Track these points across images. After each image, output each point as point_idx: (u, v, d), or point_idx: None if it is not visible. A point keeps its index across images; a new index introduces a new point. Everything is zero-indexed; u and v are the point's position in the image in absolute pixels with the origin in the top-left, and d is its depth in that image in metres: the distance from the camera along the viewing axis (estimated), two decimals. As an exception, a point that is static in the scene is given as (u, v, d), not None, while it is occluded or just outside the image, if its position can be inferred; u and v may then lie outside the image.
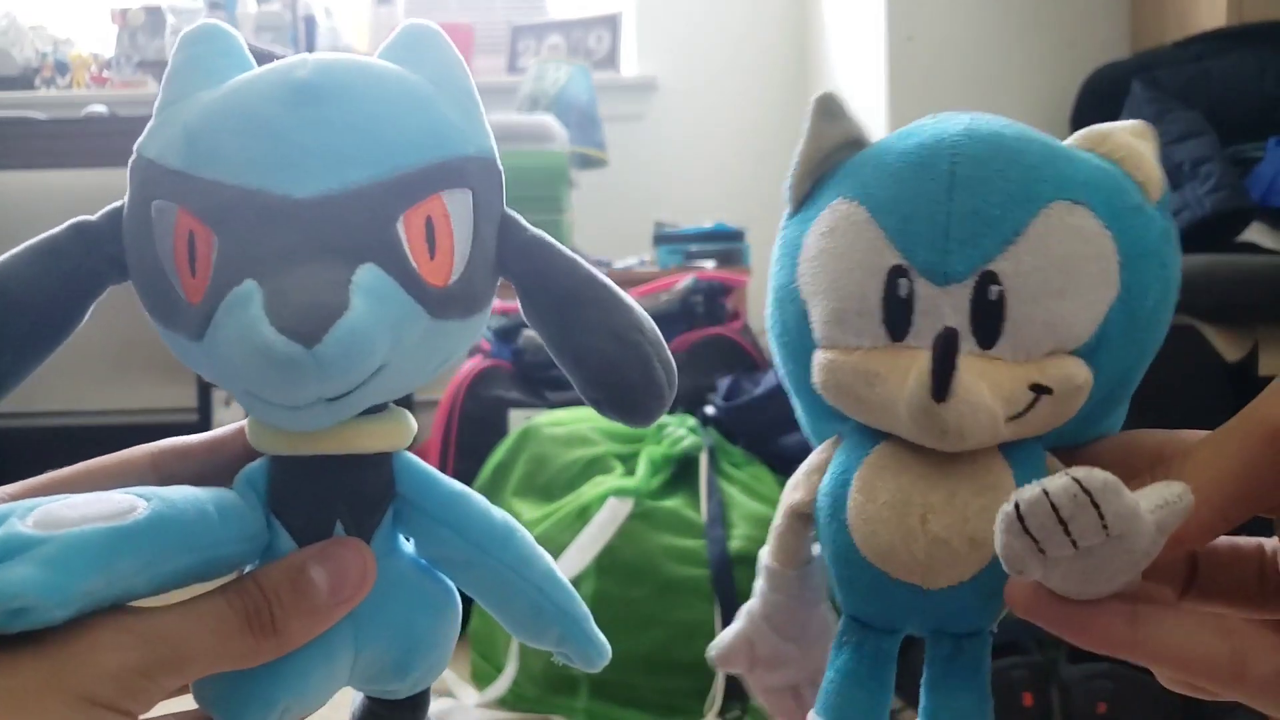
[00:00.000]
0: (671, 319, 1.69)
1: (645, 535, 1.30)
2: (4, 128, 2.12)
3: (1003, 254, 0.30)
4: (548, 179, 2.06)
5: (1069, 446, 0.33)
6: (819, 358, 0.32)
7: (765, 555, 0.37)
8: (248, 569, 0.30)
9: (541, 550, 0.34)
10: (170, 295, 0.29)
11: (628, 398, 0.31)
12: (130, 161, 0.31)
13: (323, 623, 0.29)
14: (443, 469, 1.33)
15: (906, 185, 0.31)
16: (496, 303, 0.33)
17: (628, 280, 1.91)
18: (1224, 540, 0.31)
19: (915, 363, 0.30)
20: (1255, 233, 1.43)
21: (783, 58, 2.58)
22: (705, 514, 1.30)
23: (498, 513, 0.33)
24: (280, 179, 0.28)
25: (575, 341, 0.31)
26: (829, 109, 0.33)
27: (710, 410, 1.47)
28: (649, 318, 0.32)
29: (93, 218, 0.31)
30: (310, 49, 2.43)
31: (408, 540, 0.33)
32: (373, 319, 0.27)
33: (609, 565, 1.28)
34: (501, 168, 0.33)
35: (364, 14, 2.62)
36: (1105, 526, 0.24)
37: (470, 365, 1.65)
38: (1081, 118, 1.76)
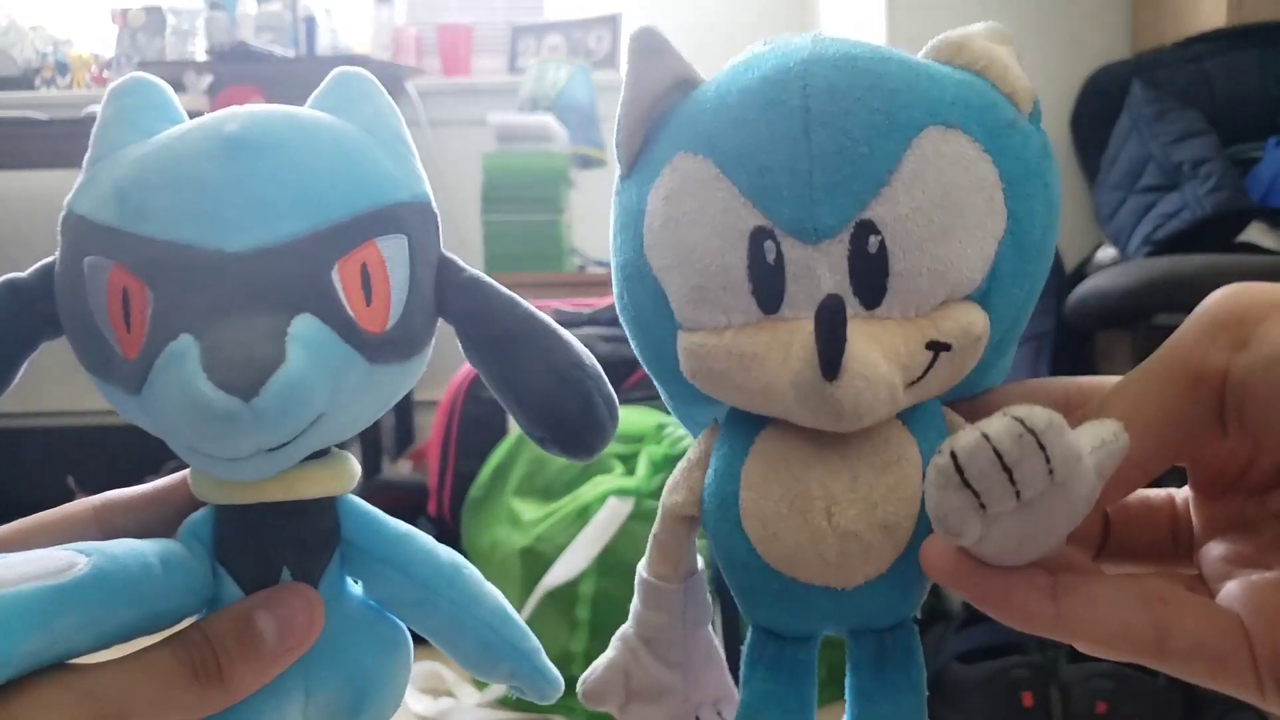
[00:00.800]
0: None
1: (645, 535, 1.29)
2: (4, 128, 2.12)
3: (877, 198, 0.26)
4: (548, 179, 2.06)
5: (962, 399, 0.30)
6: (684, 342, 0.29)
7: (642, 568, 0.33)
8: (194, 619, 0.30)
9: (490, 587, 0.34)
10: (105, 351, 0.29)
11: (569, 433, 0.31)
12: (60, 218, 0.30)
13: (271, 670, 0.29)
14: (443, 469, 1.34)
15: (756, 129, 0.27)
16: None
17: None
18: (1134, 494, 0.29)
19: (795, 337, 0.26)
20: (1255, 233, 1.43)
21: (783, 58, 2.58)
22: (705, 514, 1.30)
23: (444, 551, 0.33)
24: (213, 233, 0.28)
25: (515, 380, 0.31)
26: (649, 44, 0.29)
27: (710, 410, 1.46)
28: (589, 353, 0.32)
29: (23, 275, 0.31)
30: (311, 49, 2.44)
31: (356, 582, 0.33)
32: (310, 370, 0.27)
33: (609, 565, 1.28)
34: (437, 210, 0.33)
35: (364, 14, 2.62)
36: (1051, 471, 0.22)
37: (470, 366, 1.65)
38: (1081, 118, 1.76)
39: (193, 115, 0.32)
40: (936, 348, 0.27)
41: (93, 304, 0.29)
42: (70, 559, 0.27)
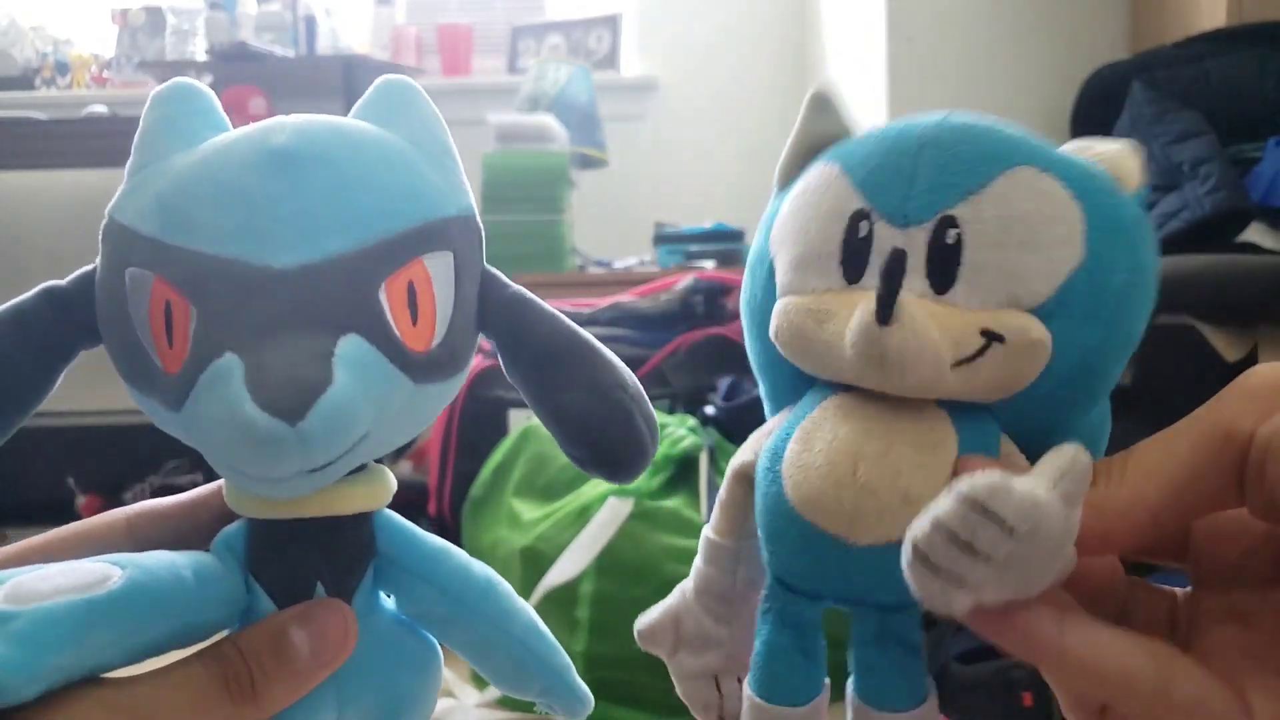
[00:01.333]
0: (671, 319, 1.69)
1: (645, 535, 1.30)
2: (4, 128, 2.12)
3: (964, 201, 0.29)
4: (548, 179, 2.06)
5: (1027, 444, 0.31)
6: (778, 306, 0.31)
7: (707, 528, 0.35)
8: (227, 633, 0.30)
9: (522, 602, 0.34)
10: (146, 364, 0.29)
11: (610, 454, 0.31)
12: (102, 226, 0.30)
13: (304, 686, 0.29)
14: (443, 469, 1.35)
15: (880, 147, 0.31)
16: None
17: (628, 280, 1.91)
18: (1139, 582, 0.30)
19: (866, 298, 0.29)
20: (1255, 233, 1.43)
21: (782, 58, 2.58)
22: (705, 514, 1.31)
23: (478, 567, 0.33)
24: (258, 249, 0.27)
25: (556, 398, 0.31)
26: (822, 104, 0.34)
27: (710, 410, 1.47)
28: (631, 374, 0.32)
29: (62, 283, 0.31)
30: (311, 49, 2.44)
31: (389, 597, 0.33)
32: (356, 392, 0.26)
33: (609, 565, 1.28)
34: (481, 224, 0.32)
35: (364, 14, 2.62)
36: (1011, 531, 0.23)
37: (471, 365, 1.66)
38: (1081, 118, 1.76)
39: None
40: (990, 336, 0.28)
41: (134, 316, 0.28)
42: (105, 572, 0.26)
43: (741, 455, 0.33)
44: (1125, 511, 0.26)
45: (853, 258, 0.30)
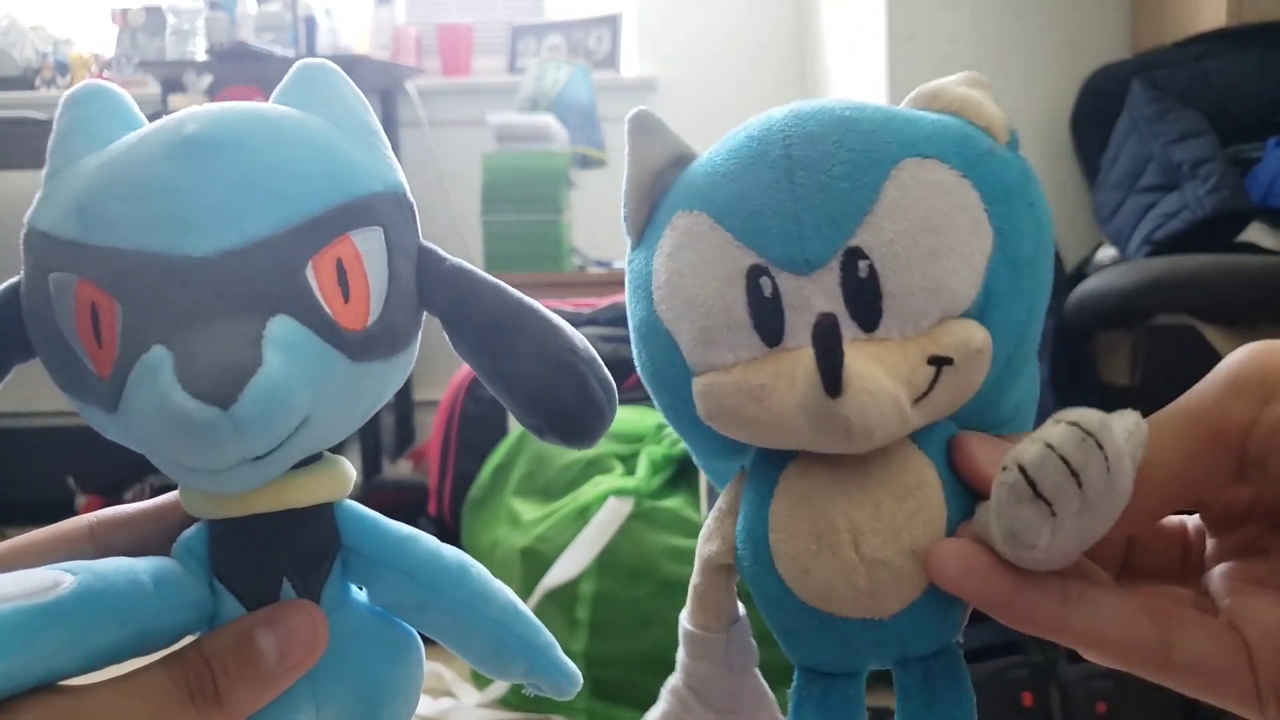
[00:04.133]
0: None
1: (645, 535, 1.30)
2: (4, 128, 2.12)
3: (861, 226, 0.27)
4: (548, 179, 2.06)
5: (982, 429, 0.30)
6: (697, 386, 0.29)
7: (685, 618, 0.33)
8: (194, 638, 0.29)
9: (499, 584, 0.33)
10: (79, 369, 0.28)
11: (566, 420, 0.30)
12: (22, 236, 0.29)
13: (271, 691, 0.28)
14: (443, 469, 1.34)
15: (743, 180, 0.29)
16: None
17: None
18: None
19: (799, 363, 0.27)
20: (1255, 233, 1.43)
21: (782, 58, 2.58)
22: (705, 514, 1.30)
23: (449, 551, 0.33)
24: (178, 239, 0.27)
25: (506, 369, 0.30)
26: (645, 126, 0.31)
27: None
28: (582, 337, 0.31)
29: None
30: (311, 50, 2.43)
31: (360, 589, 0.33)
32: (289, 373, 0.26)
33: (609, 565, 1.28)
34: (413, 200, 0.32)
35: (364, 14, 2.62)
36: (1108, 468, 0.23)
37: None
38: (1081, 118, 1.75)
39: None
40: (938, 362, 0.27)
41: (61, 322, 0.28)
42: (55, 578, 0.26)
43: (709, 546, 0.32)
44: (1122, 519, 0.26)
45: (766, 321, 0.28)
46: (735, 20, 2.60)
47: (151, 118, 0.30)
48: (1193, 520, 0.30)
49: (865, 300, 0.27)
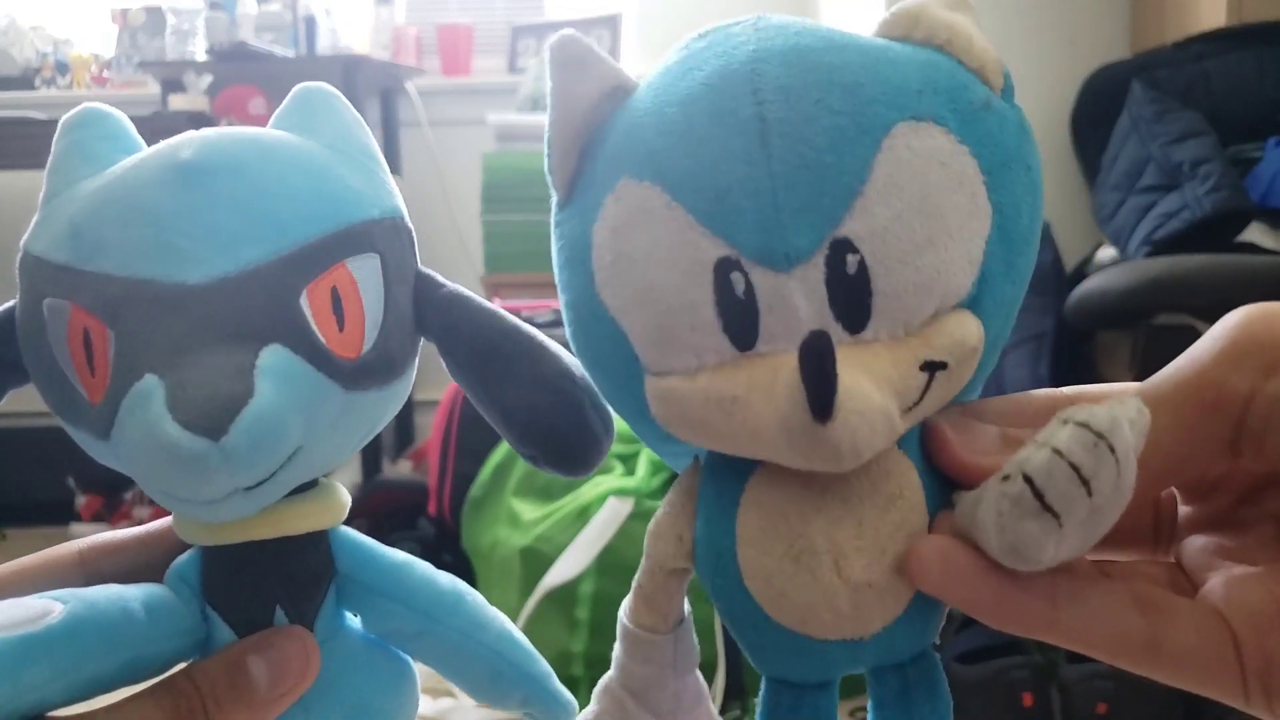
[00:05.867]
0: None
1: (645, 535, 1.30)
2: (4, 128, 2.12)
3: (850, 212, 0.24)
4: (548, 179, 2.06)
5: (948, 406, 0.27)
6: (653, 388, 0.26)
7: (626, 616, 0.30)
8: (184, 665, 0.29)
9: (495, 611, 0.33)
10: (72, 395, 0.28)
11: (562, 448, 0.30)
12: (17, 260, 0.29)
13: (263, 718, 0.28)
14: (442, 469, 1.34)
15: (707, 148, 0.24)
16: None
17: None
18: None
19: (779, 375, 0.23)
20: (1255, 233, 1.43)
21: (783, 58, 2.58)
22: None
23: (444, 578, 0.32)
24: (171, 266, 0.26)
25: (502, 396, 0.30)
26: (571, 57, 0.27)
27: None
28: (578, 364, 0.30)
29: None
30: (310, 50, 2.43)
31: (355, 617, 0.32)
32: (281, 403, 0.26)
33: (609, 565, 1.28)
34: (411, 225, 0.31)
35: (364, 14, 2.62)
36: (1119, 471, 0.21)
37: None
38: (1081, 118, 1.75)
39: (193, 117, 0.32)
40: (931, 368, 0.24)
41: (55, 348, 0.28)
42: (45, 607, 0.26)
43: (662, 545, 0.28)
44: None
45: (737, 323, 0.24)
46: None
47: (152, 118, 0.31)
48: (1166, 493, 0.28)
49: (853, 301, 0.24)
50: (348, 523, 0.32)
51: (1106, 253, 1.63)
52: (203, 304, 0.26)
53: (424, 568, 0.32)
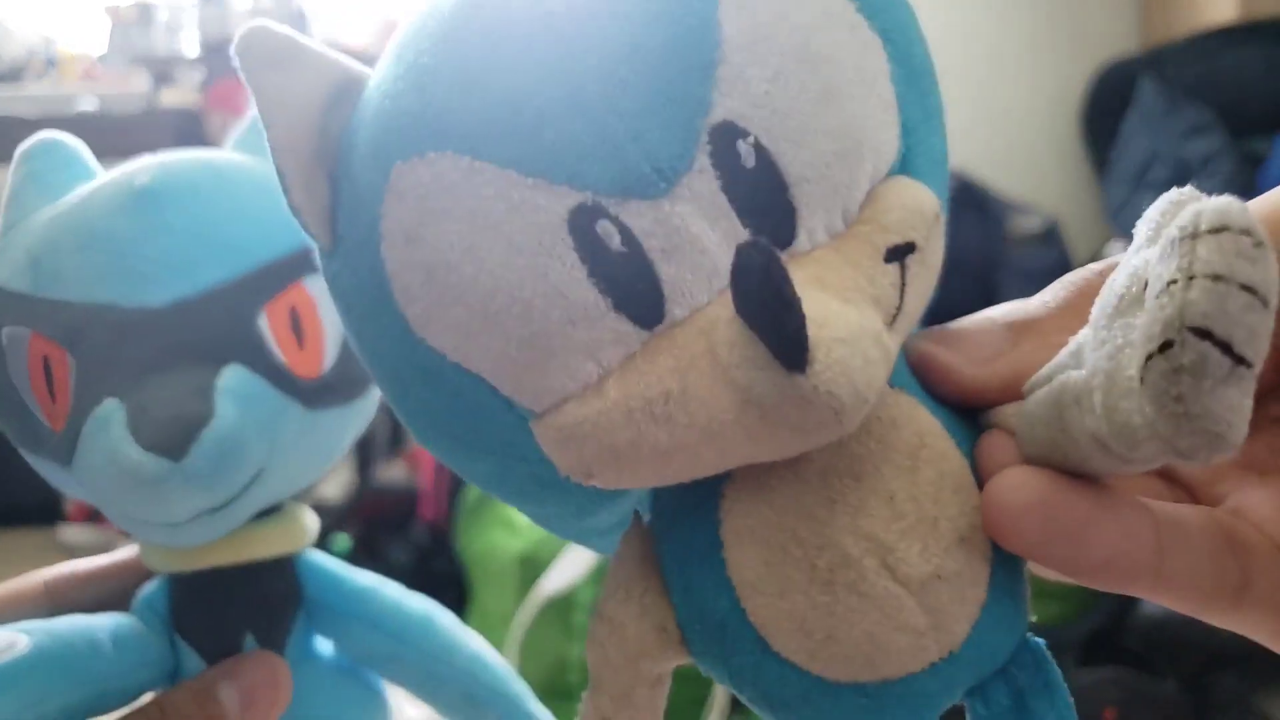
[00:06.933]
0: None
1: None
2: (-9, 123, 2.09)
3: (716, 85, 0.18)
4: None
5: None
6: (547, 432, 0.18)
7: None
8: (155, 695, 0.29)
9: (469, 634, 0.33)
10: (32, 424, 0.28)
11: None
12: None
13: None
14: (437, 473, 1.30)
15: (488, 73, 0.18)
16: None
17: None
18: None
19: (713, 335, 0.17)
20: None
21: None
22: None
23: (415, 600, 0.32)
24: (130, 291, 0.27)
25: None
26: (267, 57, 0.20)
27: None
28: None
29: None
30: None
31: (327, 642, 0.32)
32: (241, 423, 0.25)
33: (607, 570, 1.25)
34: None
35: (359, 6, 2.60)
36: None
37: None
38: (1090, 113, 1.75)
39: (184, 112, 0.31)
40: (898, 253, 0.18)
41: (15, 377, 0.28)
42: (9, 639, 0.26)
43: (632, 648, 0.21)
44: None
45: (628, 288, 0.18)
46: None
47: (144, 112, 0.30)
48: None
49: (767, 200, 0.18)
50: (339, 530, 0.31)
51: (1116, 250, 1.62)
52: (162, 326, 0.26)
53: (394, 590, 0.32)
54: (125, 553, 0.32)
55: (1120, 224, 1.59)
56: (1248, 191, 0.17)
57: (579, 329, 0.18)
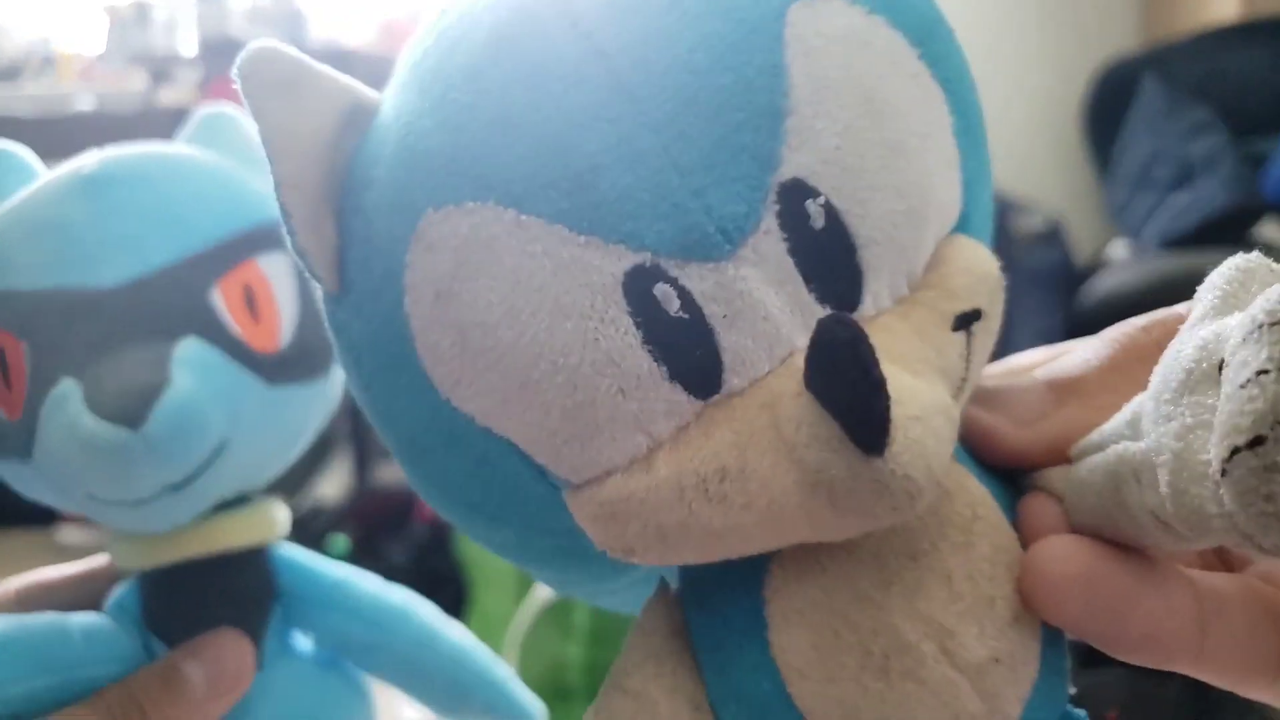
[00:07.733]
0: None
1: None
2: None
3: (786, 140, 0.16)
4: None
5: None
6: (585, 505, 0.17)
7: None
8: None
9: (449, 622, 0.33)
10: None
11: None
12: None
13: (203, 718, 0.28)
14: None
15: (537, 118, 0.16)
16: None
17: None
18: None
19: (778, 410, 0.16)
20: (1268, 229, 1.42)
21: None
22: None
23: (395, 592, 0.32)
24: (82, 273, 0.27)
25: None
26: (275, 80, 0.18)
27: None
28: None
29: None
30: (302, 43, 2.41)
31: (306, 635, 0.32)
32: (199, 391, 0.26)
33: (608, 570, 1.25)
34: None
35: (357, 6, 2.60)
36: None
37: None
38: (1092, 112, 1.74)
39: (182, 111, 0.32)
40: (966, 321, 0.18)
41: None
42: None
43: None
44: None
45: (686, 358, 0.16)
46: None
47: (142, 111, 0.31)
48: None
49: (834, 264, 0.17)
50: (338, 531, 0.31)
51: (1118, 249, 1.62)
52: (115, 305, 0.26)
53: (371, 581, 0.32)
54: (95, 561, 0.32)
55: (1122, 223, 1.59)
56: (1250, 190, 0.16)
57: (629, 399, 0.17)
